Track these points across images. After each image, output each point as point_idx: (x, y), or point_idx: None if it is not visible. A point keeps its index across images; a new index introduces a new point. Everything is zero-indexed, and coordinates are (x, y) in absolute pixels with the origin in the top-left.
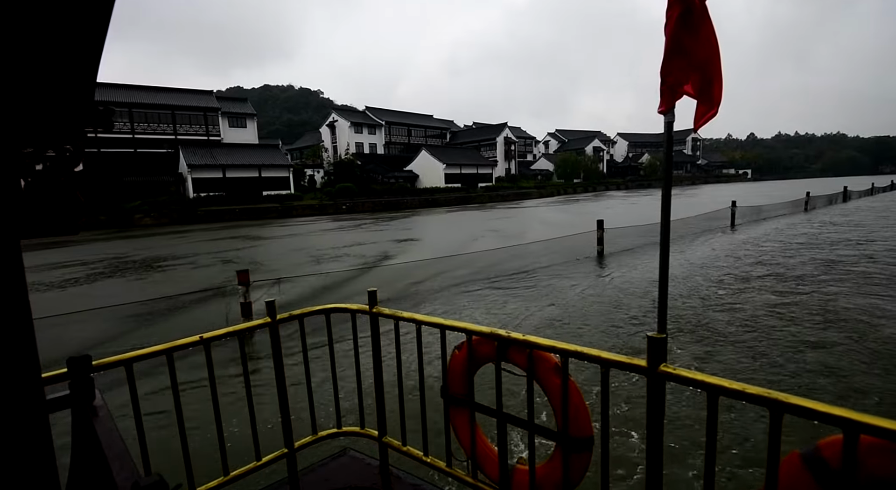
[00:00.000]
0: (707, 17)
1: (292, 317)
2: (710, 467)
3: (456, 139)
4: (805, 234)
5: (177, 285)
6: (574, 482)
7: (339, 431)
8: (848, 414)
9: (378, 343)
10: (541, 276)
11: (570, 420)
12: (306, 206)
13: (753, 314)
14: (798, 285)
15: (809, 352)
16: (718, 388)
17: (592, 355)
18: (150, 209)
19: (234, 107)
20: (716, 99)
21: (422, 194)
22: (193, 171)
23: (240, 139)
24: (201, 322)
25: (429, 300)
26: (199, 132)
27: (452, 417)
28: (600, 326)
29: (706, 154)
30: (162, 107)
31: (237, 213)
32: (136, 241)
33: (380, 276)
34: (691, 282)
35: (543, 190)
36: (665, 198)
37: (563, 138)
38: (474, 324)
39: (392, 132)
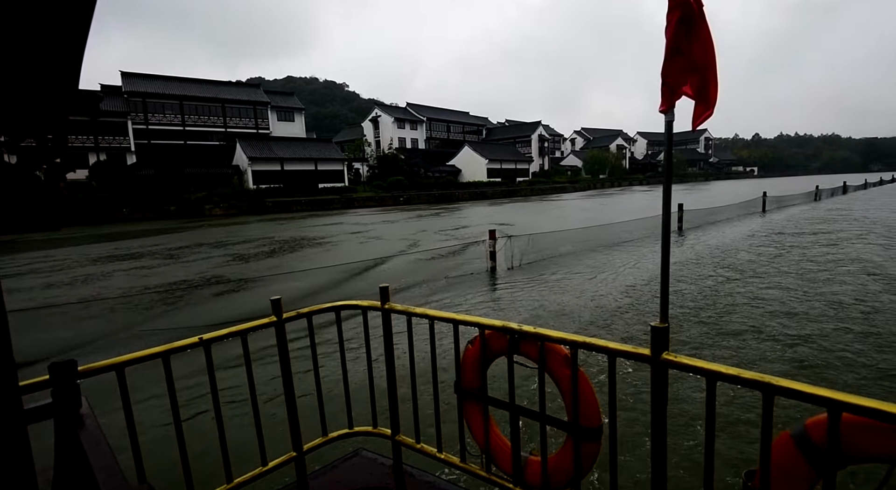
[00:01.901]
0: (705, 22)
1: (300, 315)
2: (710, 447)
3: (492, 135)
4: (822, 210)
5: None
6: (584, 470)
7: (351, 432)
8: (831, 394)
9: (391, 340)
10: (642, 244)
11: (580, 410)
12: (366, 197)
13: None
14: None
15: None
16: (716, 373)
17: (600, 346)
18: (219, 200)
19: (282, 101)
20: (712, 100)
21: (468, 188)
22: (253, 164)
23: (288, 132)
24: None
25: (588, 255)
26: (248, 125)
27: (466, 412)
28: (697, 269)
29: (717, 152)
30: (212, 100)
31: (303, 204)
32: (246, 228)
33: (542, 240)
34: (759, 240)
35: (577, 184)
36: (665, 192)
37: (588, 136)
38: (487, 319)
39: (432, 128)
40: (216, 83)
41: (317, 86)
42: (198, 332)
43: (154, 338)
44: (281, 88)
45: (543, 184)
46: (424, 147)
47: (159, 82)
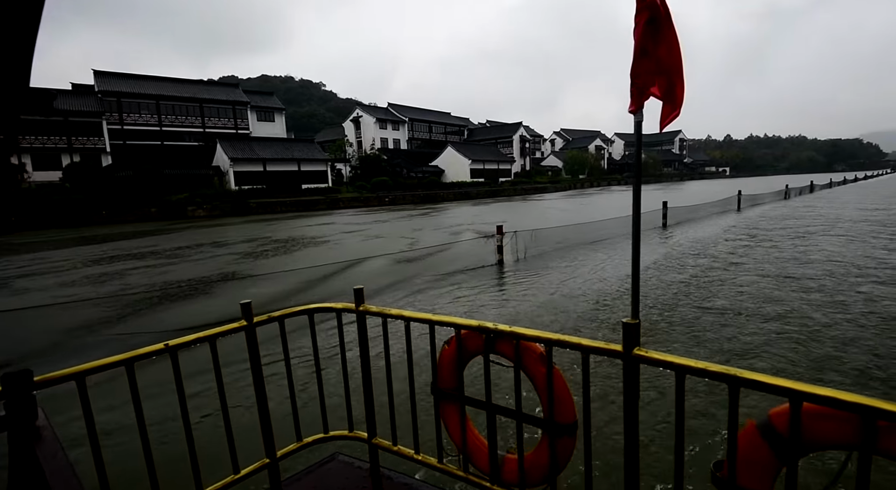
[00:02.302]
0: (671, 25)
1: (271, 319)
2: (680, 438)
3: (474, 136)
4: (790, 208)
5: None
6: (560, 466)
7: (327, 436)
8: (791, 384)
9: (366, 342)
10: (626, 240)
11: (555, 407)
12: (351, 198)
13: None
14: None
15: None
16: (684, 367)
17: (573, 343)
18: (202, 201)
19: (261, 100)
20: (678, 101)
21: (452, 188)
22: (235, 165)
23: (268, 133)
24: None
25: (585, 248)
26: (227, 125)
27: (443, 413)
28: (683, 259)
29: (691, 153)
30: (190, 99)
31: (287, 204)
32: (237, 228)
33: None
34: (729, 241)
35: (558, 185)
36: (636, 193)
37: (568, 137)
38: (463, 319)
39: (414, 128)
40: (194, 82)
41: (293, 85)
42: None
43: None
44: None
45: (526, 184)
46: (407, 147)
47: (134, 81)
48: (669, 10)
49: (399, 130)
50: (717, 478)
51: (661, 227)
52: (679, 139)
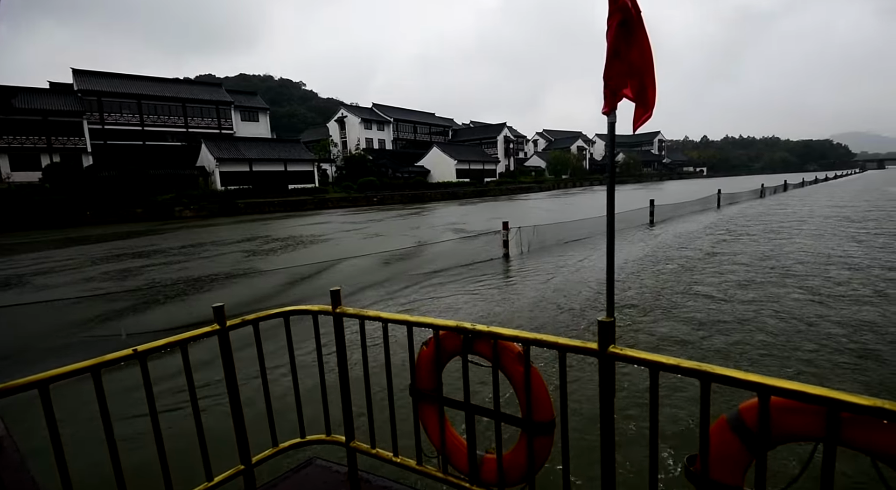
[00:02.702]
0: (643, 28)
1: (245, 322)
2: (654, 434)
3: (458, 137)
4: (766, 206)
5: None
6: (538, 464)
7: (303, 441)
8: (760, 379)
9: (343, 345)
10: (620, 235)
11: (532, 405)
12: (339, 198)
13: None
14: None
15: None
16: (658, 363)
17: (550, 342)
18: (189, 202)
19: (245, 100)
20: (650, 103)
21: (438, 188)
22: (221, 165)
23: (252, 133)
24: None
25: (580, 243)
26: (211, 125)
27: (421, 414)
28: (671, 252)
29: (669, 154)
30: (173, 99)
31: (276, 205)
32: (231, 228)
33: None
34: (710, 235)
35: (542, 184)
36: (610, 193)
37: (550, 138)
38: (441, 319)
39: (399, 129)
40: (176, 81)
41: (272, 84)
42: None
43: None
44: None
45: (511, 184)
46: (392, 148)
47: (115, 80)
48: (641, 13)
49: (384, 131)
50: (690, 472)
51: (648, 223)
52: (658, 140)
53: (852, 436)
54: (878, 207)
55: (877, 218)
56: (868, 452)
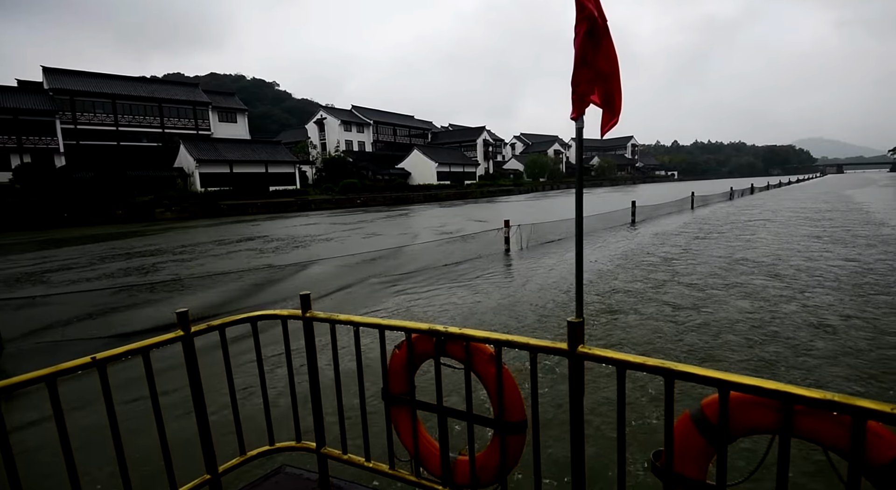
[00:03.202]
0: (608, 36)
1: (211, 328)
2: (622, 430)
3: (437, 139)
4: (734, 206)
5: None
6: (511, 465)
7: (273, 448)
8: (720, 375)
9: (313, 350)
10: (598, 236)
11: (504, 406)
12: (323, 200)
13: (722, 227)
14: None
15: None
16: (625, 362)
17: (522, 343)
18: (170, 203)
19: (223, 101)
20: (617, 109)
21: (421, 190)
22: (201, 166)
23: (230, 134)
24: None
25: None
26: (188, 126)
27: (394, 418)
28: (654, 248)
29: (642, 158)
30: (148, 99)
31: (258, 206)
32: (220, 229)
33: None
34: (686, 231)
35: (521, 187)
36: (578, 195)
37: (528, 141)
38: (412, 322)
39: (379, 131)
40: (152, 81)
41: (245, 84)
42: None
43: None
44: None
45: (491, 187)
46: (371, 150)
47: (88, 79)
48: (607, 21)
49: (364, 133)
50: (656, 467)
51: (630, 223)
52: (631, 144)
53: (805, 428)
54: (836, 208)
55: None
56: (820, 443)
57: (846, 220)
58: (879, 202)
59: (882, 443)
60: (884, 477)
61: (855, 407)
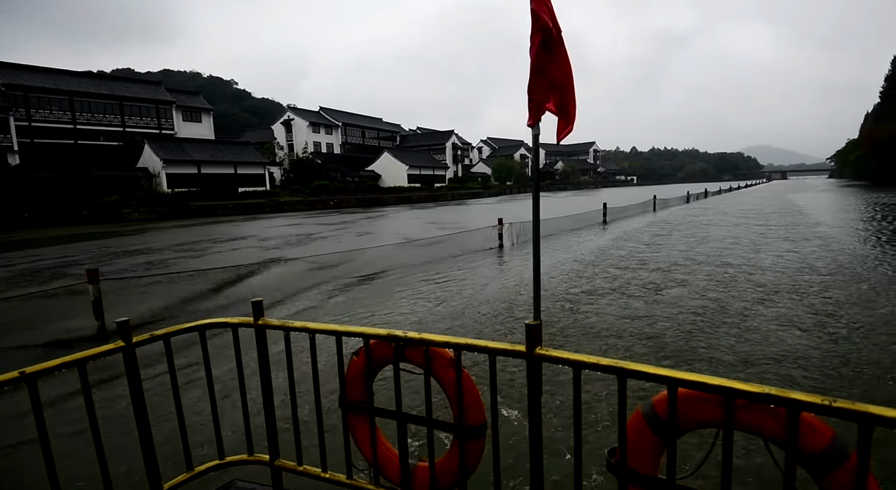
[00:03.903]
0: (563, 47)
1: (154, 337)
2: (578, 429)
3: (406, 142)
4: (691, 208)
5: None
6: (471, 469)
7: (223, 462)
8: (668, 373)
9: (266, 358)
10: (573, 234)
11: (464, 410)
12: (295, 201)
13: (678, 234)
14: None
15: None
16: (580, 362)
17: (481, 346)
18: (138, 204)
19: (187, 100)
20: (571, 117)
21: (393, 193)
22: (168, 167)
23: (195, 133)
24: None
25: (554, 237)
26: (150, 125)
27: (352, 426)
28: (625, 243)
29: (604, 163)
30: (109, 97)
31: (230, 207)
32: (204, 229)
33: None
34: (651, 229)
35: (490, 190)
36: (535, 200)
37: (494, 146)
38: (371, 327)
39: (348, 133)
40: (113, 78)
41: (201, 81)
42: None
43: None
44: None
45: (461, 190)
46: (339, 152)
47: (44, 75)
48: (562, 32)
49: (332, 134)
50: (611, 464)
51: (602, 222)
52: (593, 150)
53: (747, 421)
54: (778, 210)
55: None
56: (760, 435)
57: (787, 221)
58: (815, 205)
59: (815, 433)
60: (816, 464)
61: (790, 399)
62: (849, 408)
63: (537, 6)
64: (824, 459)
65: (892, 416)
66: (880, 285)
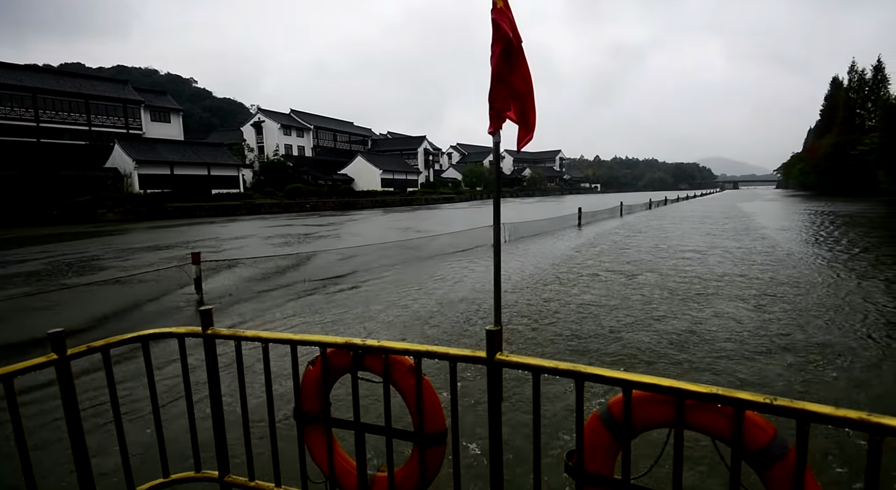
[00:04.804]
0: (523, 56)
1: (91, 349)
2: (537, 433)
3: (378, 147)
4: (653, 213)
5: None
6: (430, 477)
7: (167, 480)
8: (623, 375)
9: (215, 369)
10: (554, 234)
11: (424, 418)
12: (273, 203)
13: (643, 235)
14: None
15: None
16: (539, 367)
17: (441, 353)
18: (113, 204)
19: (155, 99)
20: (531, 125)
21: (368, 196)
22: (141, 167)
23: (163, 134)
24: None
25: (537, 237)
26: (117, 125)
27: (308, 438)
28: (597, 239)
29: (569, 170)
30: (74, 95)
31: (206, 209)
32: (183, 230)
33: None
34: (620, 231)
35: (462, 195)
36: (496, 206)
37: (464, 151)
38: (328, 336)
39: (319, 136)
40: (78, 76)
41: (158, 79)
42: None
43: None
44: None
45: (434, 194)
46: (311, 155)
47: (5, 71)
48: (522, 42)
49: (304, 138)
50: (568, 466)
51: (577, 225)
52: (559, 158)
53: (697, 420)
54: (729, 216)
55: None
56: (709, 433)
57: (736, 225)
58: (762, 213)
59: (758, 430)
60: (759, 460)
61: (735, 398)
62: (788, 405)
63: (498, 16)
64: (766, 455)
65: (826, 412)
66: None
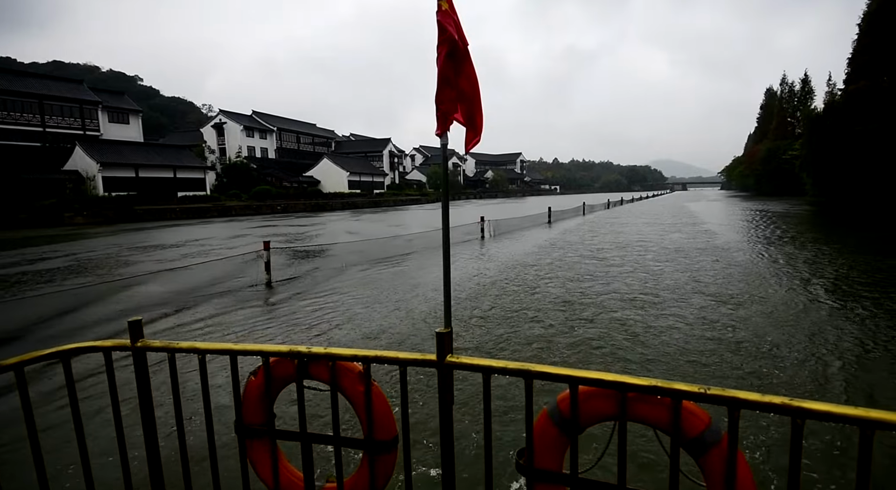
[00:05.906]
0: (468, 59)
1: (3, 368)
2: (488, 434)
3: (342, 149)
4: (611, 213)
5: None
6: (381, 485)
7: None
8: (569, 372)
9: (147, 385)
10: (529, 230)
11: (374, 424)
12: (243, 206)
13: (605, 229)
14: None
15: (616, 226)
16: (489, 367)
17: (391, 358)
18: (81, 207)
19: (112, 100)
20: (479, 128)
21: (336, 198)
22: (105, 170)
23: (122, 135)
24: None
25: (524, 230)
26: (74, 126)
27: (251, 452)
28: (567, 236)
29: (529, 172)
30: (26, 95)
31: (177, 211)
32: (163, 231)
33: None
34: (584, 227)
35: (428, 197)
36: (444, 208)
37: (427, 154)
38: (271, 344)
39: (282, 138)
40: (29, 75)
41: (100, 76)
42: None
43: None
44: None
45: (401, 196)
46: (274, 157)
47: None
48: (468, 45)
49: (267, 139)
50: (519, 465)
51: (547, 222)
52: (520, 160)
53: (639, 412)
54: (676, 214)
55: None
56: (650, 424)
57: (682, 221)
58: (705, 211)
59: (694, 418)
60: (695, 447)
61: (673, 390)
62: (720, 394)
63: (443, 18)
64: (702, 441)
65: (753, 399)
66: (728, 255)
